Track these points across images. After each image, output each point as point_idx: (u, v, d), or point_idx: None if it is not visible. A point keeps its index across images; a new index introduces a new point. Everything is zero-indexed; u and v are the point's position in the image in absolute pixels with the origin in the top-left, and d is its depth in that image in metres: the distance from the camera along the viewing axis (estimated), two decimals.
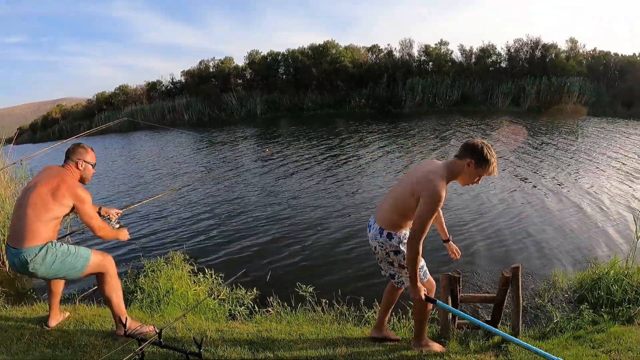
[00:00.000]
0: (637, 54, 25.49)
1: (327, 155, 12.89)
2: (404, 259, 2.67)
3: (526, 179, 9.21)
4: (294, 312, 4.07)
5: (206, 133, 20.57)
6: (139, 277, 4.62)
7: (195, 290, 4.46)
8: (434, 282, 2.93)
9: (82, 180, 3.05)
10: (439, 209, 2.64)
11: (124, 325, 2.02)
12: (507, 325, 3.48)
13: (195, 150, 16.43)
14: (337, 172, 10.58)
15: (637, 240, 4.68)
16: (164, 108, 29.00)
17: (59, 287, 3.32)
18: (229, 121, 26.11)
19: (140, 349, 1.85)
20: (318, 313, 4.02)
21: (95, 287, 4.83)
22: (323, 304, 4.16)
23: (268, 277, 5.10)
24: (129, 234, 3.35)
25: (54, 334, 3.24)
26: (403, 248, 2.67)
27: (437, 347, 3.07)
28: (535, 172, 9.73)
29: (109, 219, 3.34)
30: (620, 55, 25.71)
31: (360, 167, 11.03)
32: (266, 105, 27.50)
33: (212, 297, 4.35)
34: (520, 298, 3.24)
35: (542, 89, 23.05)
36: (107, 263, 3.04)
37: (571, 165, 10.27)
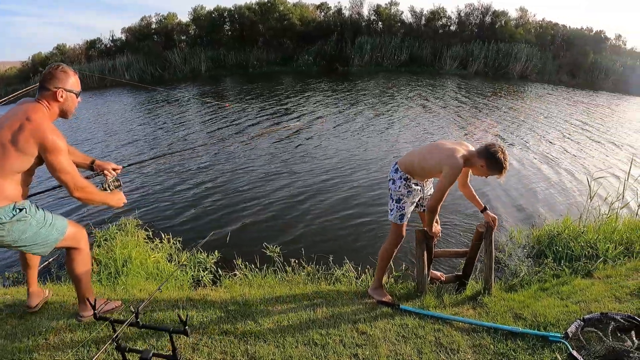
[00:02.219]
0: (583, 27, 26.47)
1: (276, 111, 12.80)
2: (394, 192, 3.10)
3: (477, 138, 9.54)
4: (262, 274, 4.01)
5: (154, 93, 19.34)
6: (91, 248, 4.36)
7: (154, 257, 4.28)
8: (404, 233, 3.20)
9: (63, 115, 2.39)
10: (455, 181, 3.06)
11: (94, 307, 1.66)
12: (480, 280, 3.64)
13: (144, 110, 15.65)
14: (287, 128, 10.61)
15: (590, 201, 5.03)
16: (104, 67, 27.10)
17: (35, 258, 2.80)
18: (172, 79, 24.82)
19: (117, 335, 1.59)
20: (289, 274, 3.98)
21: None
22: (293, 263, 4.14)
23: (227, 239, 5.03)
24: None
25: (10, 322, 2.78)
26: (399, 182, 3.07)
27: (389, 298, 3.30)
28: (485, 131, 10.11)
29: (104, 175, 2.79)
30: (568, 27, 26.66)
31: (309, 122, 11.09)
32: (211, 63, 26.34)
33: (173, 263, 4.25)
34: (493, 252, 3.35)
35: (490, 54, 23.54)
36: (81, 237, 2.60)
37: (521, 128, 10.75)
